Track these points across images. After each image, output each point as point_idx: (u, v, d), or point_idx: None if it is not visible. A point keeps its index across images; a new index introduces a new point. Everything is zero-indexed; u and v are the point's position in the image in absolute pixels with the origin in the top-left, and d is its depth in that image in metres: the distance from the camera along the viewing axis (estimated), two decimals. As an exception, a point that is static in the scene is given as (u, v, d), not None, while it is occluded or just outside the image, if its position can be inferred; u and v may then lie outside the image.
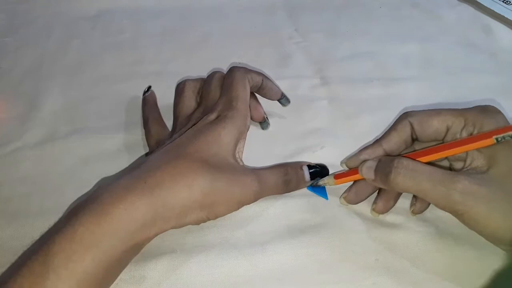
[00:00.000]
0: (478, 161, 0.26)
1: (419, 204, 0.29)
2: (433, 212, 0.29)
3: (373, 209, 0.29)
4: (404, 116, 0.29)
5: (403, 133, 0.29)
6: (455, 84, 0.40)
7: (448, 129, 0.28)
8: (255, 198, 0.28)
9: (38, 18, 0.50)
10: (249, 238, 0.28)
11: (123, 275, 0.26)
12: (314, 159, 0.33)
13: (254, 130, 0.36)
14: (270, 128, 0.36)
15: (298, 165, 0.30)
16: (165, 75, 0.42)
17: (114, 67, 0.43)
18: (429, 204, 0.29)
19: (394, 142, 0.29)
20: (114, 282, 0.25)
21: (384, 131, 0.30)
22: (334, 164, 0.32)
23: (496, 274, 0.26)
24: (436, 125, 0.28)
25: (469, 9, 0.51)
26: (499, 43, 0.46)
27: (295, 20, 0.50)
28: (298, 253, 0.28)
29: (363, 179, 0.28)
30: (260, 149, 0.34)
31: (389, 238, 0.28)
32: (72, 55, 0.45)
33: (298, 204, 0.30)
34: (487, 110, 0.27)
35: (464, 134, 0.27)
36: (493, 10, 0.49)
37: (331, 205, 0.30)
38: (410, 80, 0.41)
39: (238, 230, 0.29)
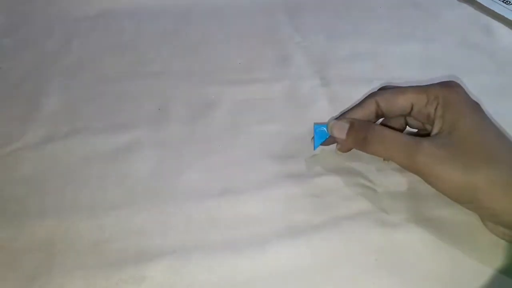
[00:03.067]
0: (441, 127, 0.28)
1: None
2: (433, 212, 0.29)
3: (338, 149, 0.32)
4: (371, 95, 0.31)
5: (368, 110, 0.31)
6: (455, 84, 0.40)
7: (412, 106, 0.29)
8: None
9: (38, 18, 0.50)
10: (249, 238, 0.28)
11: (123, 275, 0.26)
12: (315, 159, 0.33)
13: (252, 130, 0.36)
14: (270, 128, 0.36)
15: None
16: (165, 75, 0.42)
17: (114, 67, 0.43)
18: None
19: (358, 117, 0.30)
20: (114, 282, 0.25)
21: (350, 106, 0.32)
22: (334, 165, 0.32)
23: (496, 274, 0.26)
24: (401, 103, 0.30)
25: (469, 9, 0.50)
26: (499, 43, 0.46)
27: (295, 20, 0.50)
28: (298, 253, 0.28)
29: None
30: (260, 149, 0.34)
31: (389, 238, 0.28)
32: (72, 55, 0.45)
33: (298, 205, 0.30)
34: (448, 85, 0.29)
35: (430, 109, 0.29)
36: (493, 10, 0.49)
37: (331, 206, 0.30)
38: (410, 80, 0.41)
39: (238, 230, 0.29)
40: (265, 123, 0.37)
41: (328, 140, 0.32)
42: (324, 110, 0.38)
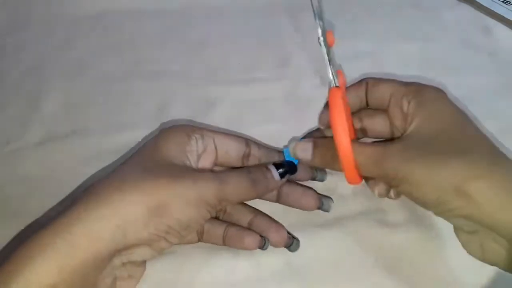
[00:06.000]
0: (412, 125, 0.26)
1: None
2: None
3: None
4: (365, 78, 0.31)
5: (359, 90, 0.31)
6: (455, 84, 0.40)
7: (391, 97, 0.29)
8: (217, 194, 0.25)
9: (38, 18, 0.50)
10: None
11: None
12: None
13: (252, 130, 0.36)
14: (270, 128, 0.36)
15: (263, 165, 0.29)
16: (165, 75, 0.42)
17: (114, 67, 0.43)
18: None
19: (350, 97, 0.30)
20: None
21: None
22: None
23: (496, 274, 0.26)
24: (382, 90, 0.30)
25: (468, 9, 0.50)
26: (499, 43, 0.46)
27: (295, 20, 0.50)
28: (298, 254, 0.28)
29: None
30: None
31: (389, 238, 0.28)
32: (72, 55, 0.45)
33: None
34: (430, 86, 0.29)
35: (404, 103, 0.28)
36: (493, 10, 0.49)
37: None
38: (410, 80, 0.41)
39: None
40: (265, 123, 0.37)
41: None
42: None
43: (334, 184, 0.32)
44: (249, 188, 0.27)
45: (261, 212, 0.29)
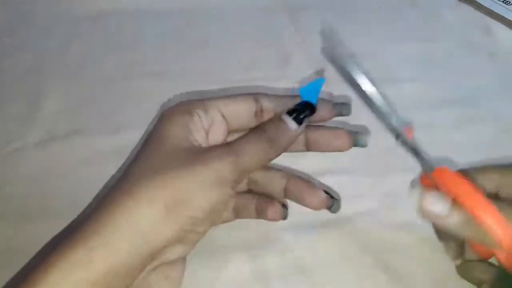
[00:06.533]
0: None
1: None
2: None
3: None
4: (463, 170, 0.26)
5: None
6: (455, 84, 0.40)
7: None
8: (234, 168, 0.24)
9: (38, 18, 0.50)
10: (250, 239, 0.28)
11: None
12: (315, 160, 0.33)
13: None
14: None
15: (276, 118, 0.26)
16: (165, 75, 0.42)
17: (114, 67, 0.43)
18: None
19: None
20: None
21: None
22: (334, 164, 0.32)
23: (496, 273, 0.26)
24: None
25: (469, 9, 0.50)
26: (499, 43, 0.46)
27: (295, 20, 0.50)
28: (298, 253, 0.28)
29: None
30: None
31: (390, 238, 0.28)
32: (72, 55, 0.45)
33: (298, 206, 0.30)
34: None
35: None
36: (493, 10, 0.49)
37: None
38: (410, 80, 0.41)
39: (238, 230, 0.29)
40: (265, 123, 0.37)
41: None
42: (324, 110, 0.38)
43: (335, 184, 0.32)
44: (268, 149, 0.25)
45: (294, 175, 0.27)
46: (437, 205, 0.21)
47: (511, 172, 0.25)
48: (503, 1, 0.50)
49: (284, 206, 0.27)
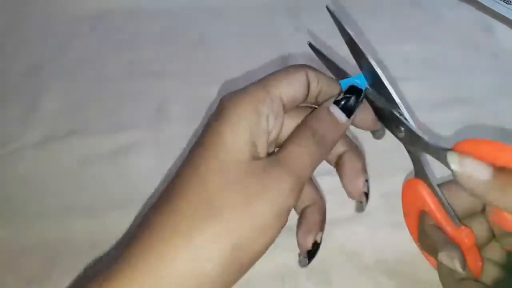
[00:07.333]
0: None
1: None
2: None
3: None
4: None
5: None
6: (455, 84, 0.40)
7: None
8: (297, 195, 0.21)
9: (38, 18, 0.50)
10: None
11: None
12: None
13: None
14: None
15: (323, 109, 0.23)
16: (165, 75, 0.42)
17: (113, 67, 0.43)
18: None
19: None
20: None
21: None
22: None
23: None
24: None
25: (469, 9, 0.50)
26: (499, 43, 0.46)
27: (295, 20, 0.50)
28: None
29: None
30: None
31: (390, 238, 0.28)
32: (71, 55, 0.45)
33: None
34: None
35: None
36: (493, 10, 0.49)
37: (331, 207, 0.30)
38: (410, 80, 0.41)
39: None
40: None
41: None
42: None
43: (335, 184, 0.32)
44: (321, 151, 0.22)
45: (354, 147, 0.25)
46: (480, 170, 0.19)
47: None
48: (504, 1, 0.50)
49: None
